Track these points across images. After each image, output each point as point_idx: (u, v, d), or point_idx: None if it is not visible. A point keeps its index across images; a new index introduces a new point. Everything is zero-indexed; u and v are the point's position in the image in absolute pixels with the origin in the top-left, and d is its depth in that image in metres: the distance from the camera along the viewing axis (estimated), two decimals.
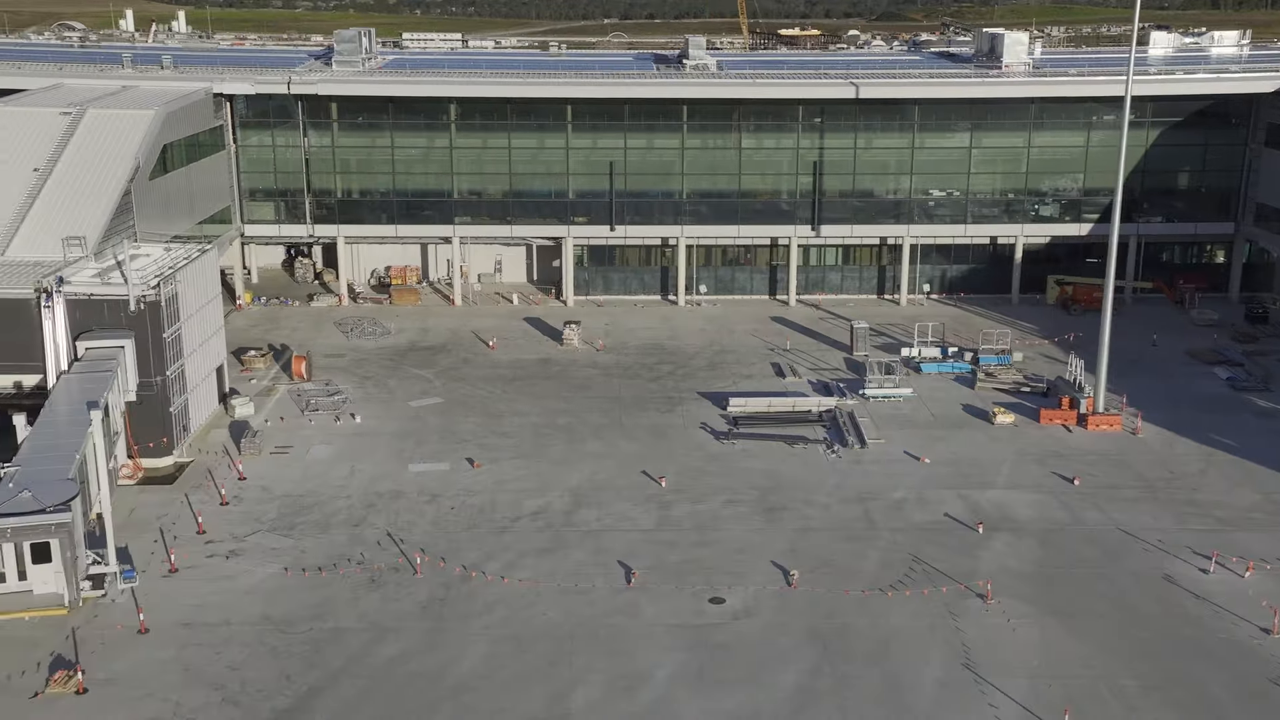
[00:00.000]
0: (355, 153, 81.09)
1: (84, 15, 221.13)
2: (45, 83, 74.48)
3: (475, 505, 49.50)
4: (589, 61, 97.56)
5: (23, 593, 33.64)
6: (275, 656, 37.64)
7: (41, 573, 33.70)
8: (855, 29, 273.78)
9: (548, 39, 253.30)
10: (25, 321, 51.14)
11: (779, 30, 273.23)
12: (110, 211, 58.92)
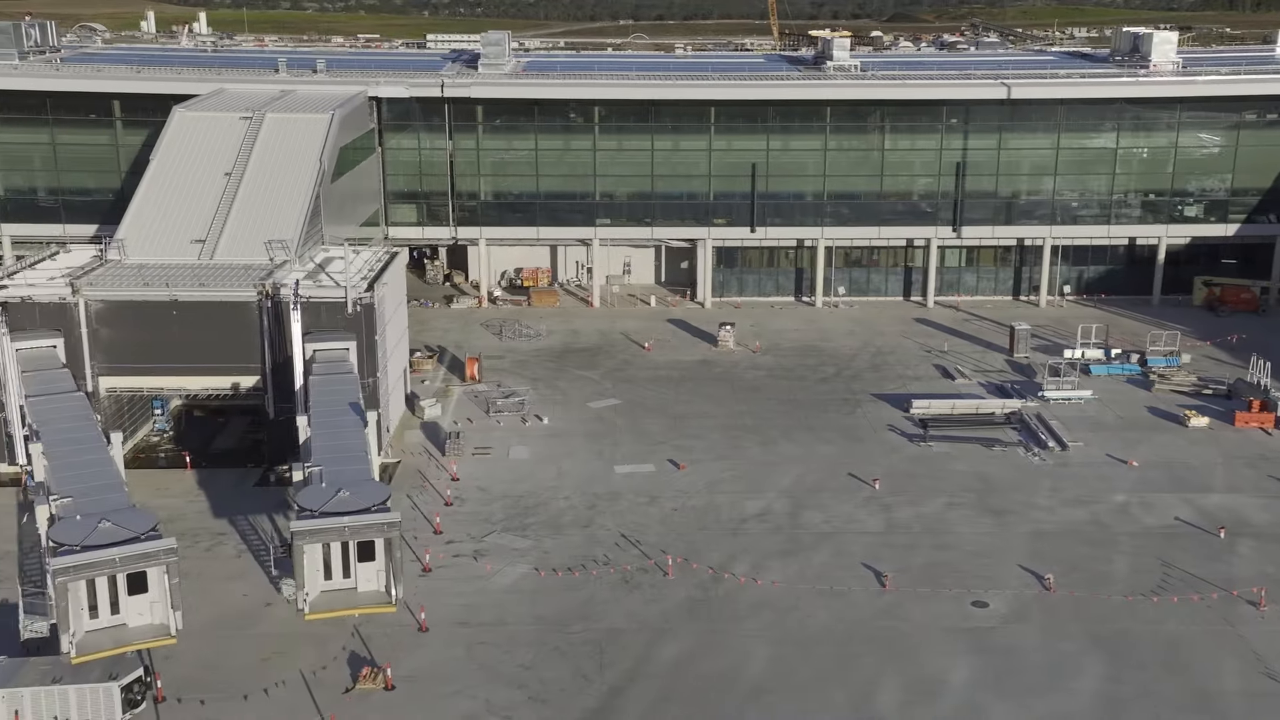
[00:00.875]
0: (499, 155, 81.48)
1: (100, 16, 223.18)
2: (206, 88, 74.89)
3: (696, 507, 49.71)
4: (723, 63, 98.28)
5: (348, 590, 34.33)
6: (563, 656, 37.99)
7: (365, 570, 34.39)
8: (875, 30, 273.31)
9: (566, 39, 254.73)
10: (246, 323, 52.17)
11: (809, 31, 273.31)
12: (306, 215, 59.85)
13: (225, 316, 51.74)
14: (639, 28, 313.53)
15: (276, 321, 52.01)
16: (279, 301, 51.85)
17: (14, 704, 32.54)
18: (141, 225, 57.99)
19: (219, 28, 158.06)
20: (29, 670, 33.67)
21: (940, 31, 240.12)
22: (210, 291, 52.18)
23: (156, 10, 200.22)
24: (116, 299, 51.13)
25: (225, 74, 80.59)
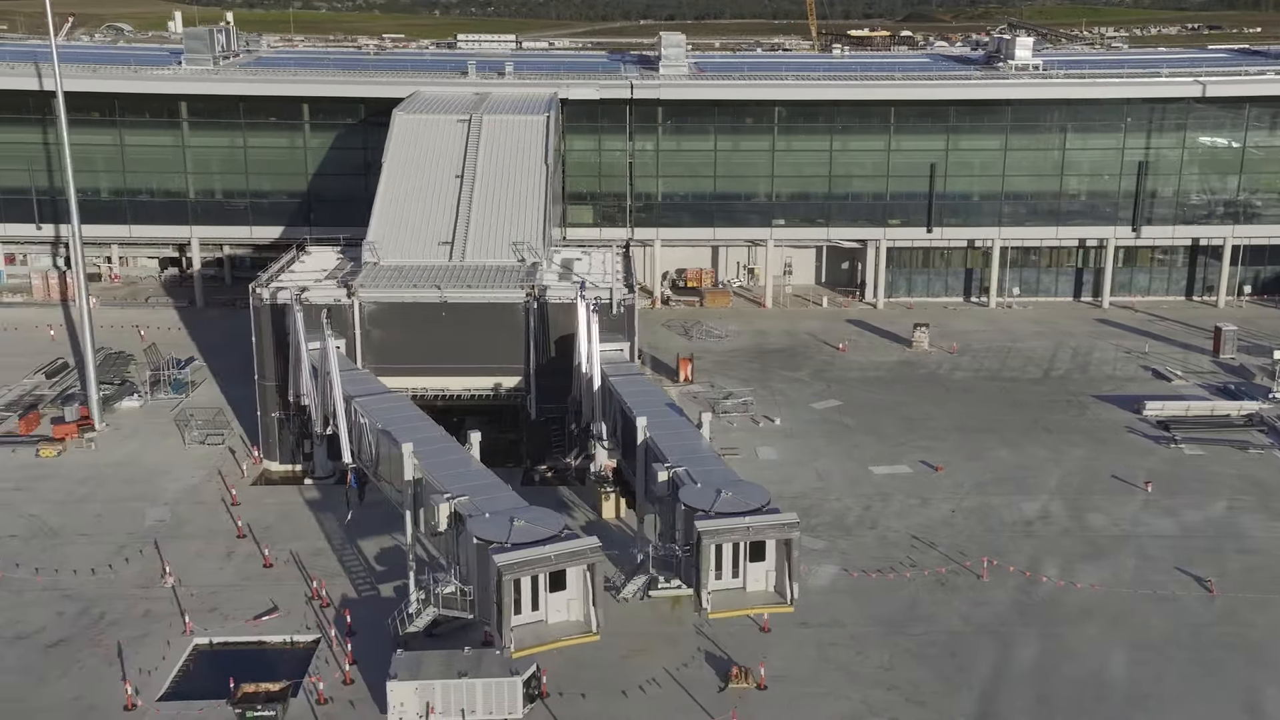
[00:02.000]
0: (677, 156, 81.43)
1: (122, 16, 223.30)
2: (400, 91, 74.87)
3: (971, 509, 49.38)
4: (889, 64, 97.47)
5: (737, 590, 34.74)
6: (917, 658, 38.01)
7: (755, 571, 34.81)
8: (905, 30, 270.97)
9: (593, 40, 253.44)
10: (513, 324, 52.77)
11: (848, 32, 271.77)
12: (544, 216, 60.38)
13: (493, 317, 52.24)
14: (663, 26, 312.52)
15: (541, 323, 53.03)
16: (544, 303, 52.83)
17: (426, 696, 33.19)
18: (388, 228, 58.43)
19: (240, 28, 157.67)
20: (430, 663, 34.22)
21: (960, 31, 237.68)
22: (480, 293, 52.70)
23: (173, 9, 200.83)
24: (389, 300, 51.83)
25: (416, 77, 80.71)
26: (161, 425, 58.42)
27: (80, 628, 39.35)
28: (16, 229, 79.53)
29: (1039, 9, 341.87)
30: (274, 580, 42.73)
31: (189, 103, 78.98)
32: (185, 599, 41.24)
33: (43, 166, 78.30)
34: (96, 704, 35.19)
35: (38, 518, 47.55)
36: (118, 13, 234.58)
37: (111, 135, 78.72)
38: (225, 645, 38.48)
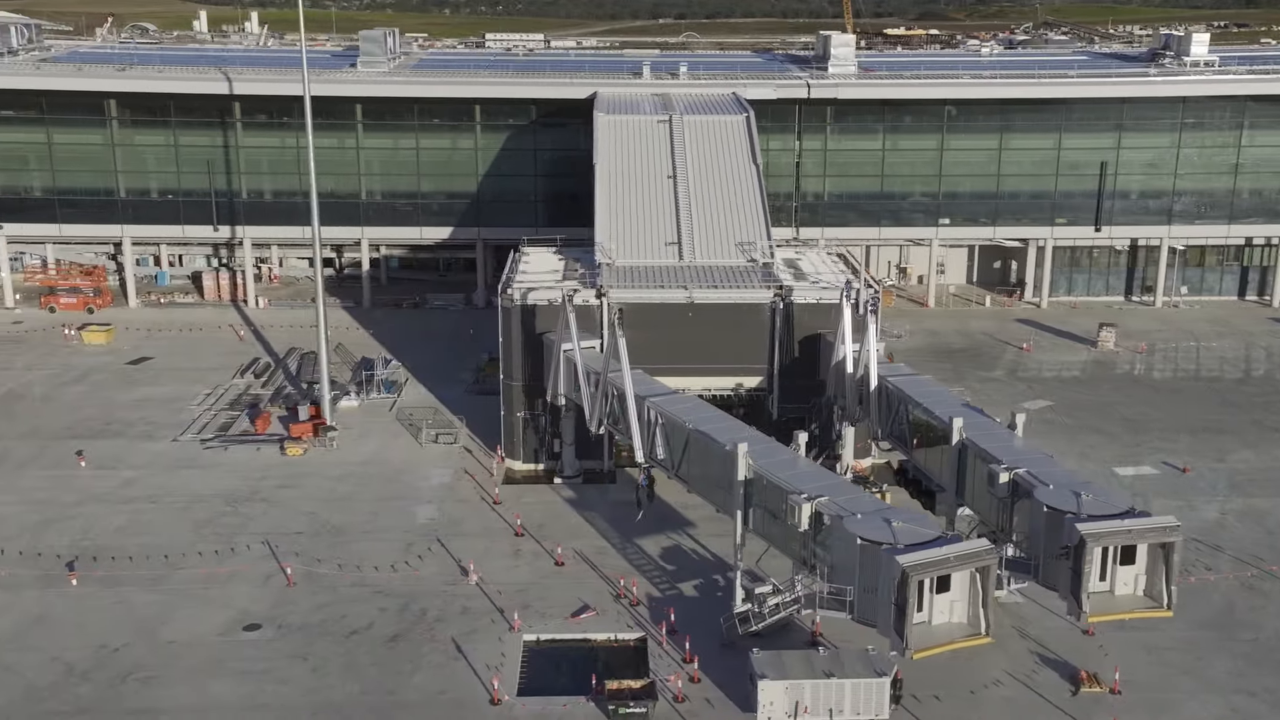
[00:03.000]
0: (843, 155, 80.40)
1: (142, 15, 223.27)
2: (578, 92, 75.40)
3: (1239, 510, 48.53)
4: (1057, 61, 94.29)
5: (1106, 594, 34.66)
6: (1258, 664, 37.34)
7: (1124, 574, 34.62)
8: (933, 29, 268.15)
9: (620, 39, 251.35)
10: (757, 324, 52.84)
11: (885, 30, 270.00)
12: (766, 216, 60.13)
13: (737, 318, 52.39)
14: (680, 26, 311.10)
15: (786, 323, 53.05)
16: (790, 303, 52.75)
17: (795, 695, 33.35)
18: (614, 229, 58.55)
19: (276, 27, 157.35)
20: (792, 663, 34.31)
21: (984, 30, 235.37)
22: (728, 293, 52.94)
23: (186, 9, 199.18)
24: (638, 301, 51.88)
25: (592, 78, 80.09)
26: (385, 424, 58.93)
27: (408, 624, 39.77)
28: (195, 230, 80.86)
29: (1054, 8, 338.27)
30: (572, 579, 43.00)
31: (364, 105, 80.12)
32: (495, 596, 41.43)
33: (221, 169, 79.40)
34: (461, 698, 35.53)
35: (316, 515, 48.25)
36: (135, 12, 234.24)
37: (288, 138, 78.65)
38: (553, 642, 38.81)
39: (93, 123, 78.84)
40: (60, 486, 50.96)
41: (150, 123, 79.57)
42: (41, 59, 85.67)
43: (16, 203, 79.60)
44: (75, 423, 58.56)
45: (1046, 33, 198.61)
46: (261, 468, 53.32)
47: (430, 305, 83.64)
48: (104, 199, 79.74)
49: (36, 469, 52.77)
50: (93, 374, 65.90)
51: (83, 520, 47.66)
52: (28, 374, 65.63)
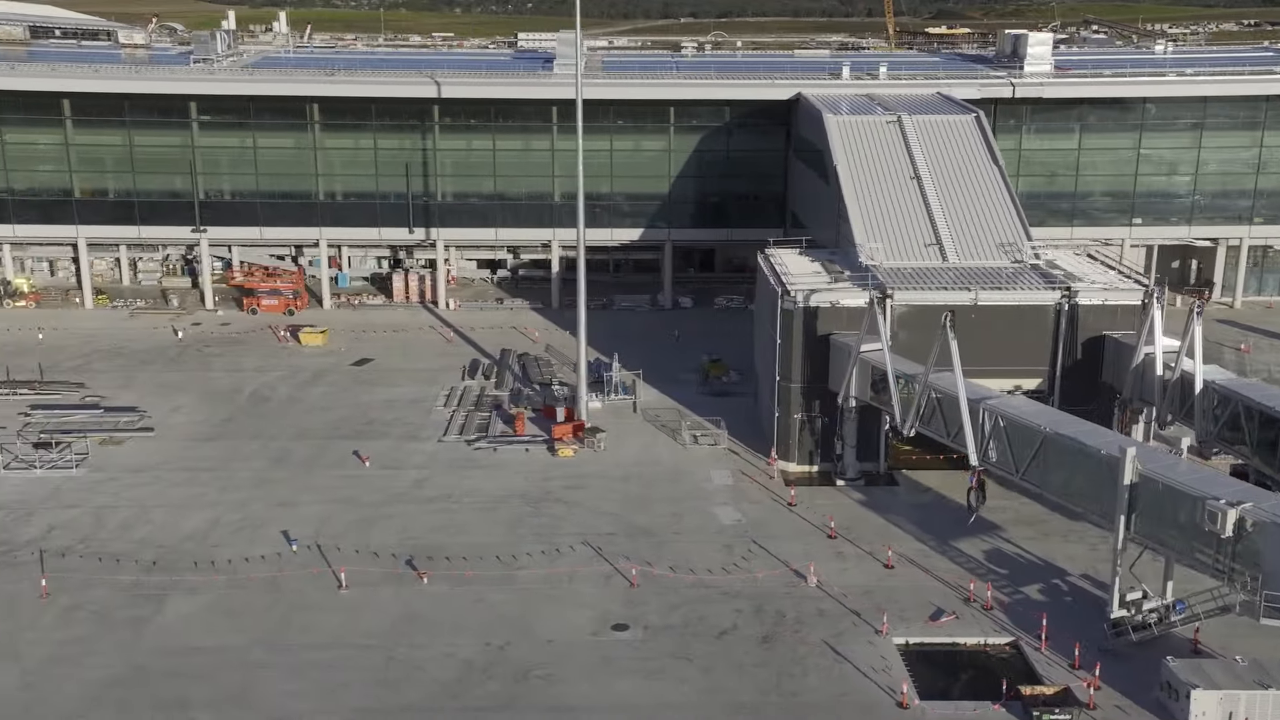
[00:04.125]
0: (1037, 155, 79.15)
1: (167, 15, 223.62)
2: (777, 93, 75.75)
3: None
4: (1246, 59, 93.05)
5: None
6: None
7: None
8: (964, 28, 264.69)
9: (647, 38, 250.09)
10: (1039, 326, 52.14)
11: (926, 30, 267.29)
12: (1022, 216, 59.57)
13: (1022, 319, 51.78)
14: (702, 25, 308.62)
15: (1070, 324, 52.25)
16: (1075, 305, 52.08)
17: (1229, 706, 32.94)
18: (872, 231, 58.12)
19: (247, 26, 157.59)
20: (1216, 672, 33.82)
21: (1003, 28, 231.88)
22: (1012, 295, 52.33)
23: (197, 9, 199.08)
24: (921, 303, 51.55)
25: (793, 79, 79.37)
26: (635, 425, 59.13)
27: (770, 625, 39.80)
28: (390, 233, 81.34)
29: (1069, 6, 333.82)
30: (909, 582, 42.76)
31: (559, 108, 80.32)
32: (841, 599, 41.23)
33: (418, 172, 79.98)
34: (864, 701, 35.54)
35: (619, 516, 48.45)
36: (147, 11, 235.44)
37: (482, 141, 79.44)
38: (923, 646, 38.71)
39: (296, 127, 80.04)
40: (357, 486, 51.47)
41: (351, 126, 80.00)
42: (245, 65, 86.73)
43: (222, 206, 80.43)
44: (335, 423, 59.16)
45: (1085, 32, 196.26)
46: (541, 469, 53.61)
47: (618, 306, 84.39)
48: (303, 202, 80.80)
49: (323, 468, 53.47)
50: (325, 375, 66.67)
51: (399, 520, 48.11)
52: (262, 375, 66.49)
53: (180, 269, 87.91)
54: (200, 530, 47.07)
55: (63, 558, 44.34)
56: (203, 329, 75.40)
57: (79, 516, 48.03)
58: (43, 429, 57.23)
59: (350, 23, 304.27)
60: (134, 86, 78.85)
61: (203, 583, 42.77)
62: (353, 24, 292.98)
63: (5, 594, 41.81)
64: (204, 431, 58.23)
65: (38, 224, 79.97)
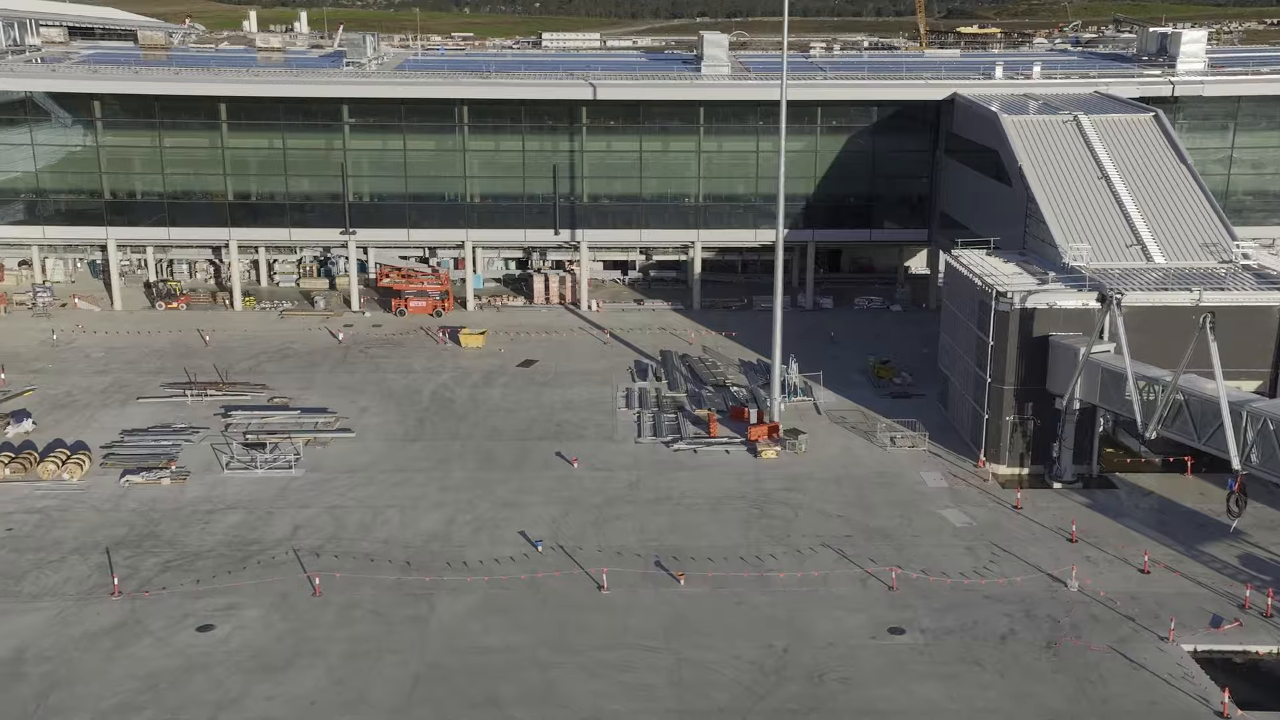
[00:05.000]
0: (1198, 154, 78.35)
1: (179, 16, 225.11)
2: (929, 94, 75.30)
3: None
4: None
5: None
6: None
7: None
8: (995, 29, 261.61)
9: (670, 38, 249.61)
10: (1263, 328, 51.21)
11: (958, 29, 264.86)
12: (1222, 215, 58.75)
13: (1244, 320, 50.61)
14: (729, 25, 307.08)
15: None
16: None
17: None
18: (1070, 232, 57.44)
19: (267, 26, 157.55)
20: None
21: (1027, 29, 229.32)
22: (1240, 295, 51.64)
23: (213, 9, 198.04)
24: (1149, 305, 50.78)
25: (949, 79, 78.72)
26: (823, 427, 58.72)
27: (1048, 630, 39.21)
28: (536, 235, 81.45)
29: (1084, 6, 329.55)
30: (1173, 588, 42.08)
31: (706, 109, 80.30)
32: (1110, 604, 40.48)
33: (565, 174, 80.00)
34: (1180, 710, 34.82)
35: (848, 519, 48.03)
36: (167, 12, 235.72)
37: (630, 142, 79.74)
38: (1216, 653, 38.01)
39: (445, 129, 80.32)
40: (573, 487, 51.46)
41: (498, 129, 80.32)
42: (394, 67, 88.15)
43: (369, 208, 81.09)
44: (525, 424, 59.18)
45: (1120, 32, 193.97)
46: (751, 470, 53.42)
47: (758, 307, 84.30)
48: (451, 204, 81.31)
49: (533, 470, 53.49)
50: (496, 377, 66.79)
51: (629, 520, 48.10)
52: (435, 377, 66.67)
53: (316, 270, 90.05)
54: (438, 531, 47.32)
55: (317, 557, 44.80)
56: (357, 331, 75.65)
57: (317, 516, 48.38)
58: (247, 430, 57.45)
59: (364, 22, 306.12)
60: (291, 90, 79.01)
61: (463, 583, 42.88)
62: (367, 23, 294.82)
63: (279, 592, 42.13)
64: (400, 432, 58.49)
65: (191, 227, 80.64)
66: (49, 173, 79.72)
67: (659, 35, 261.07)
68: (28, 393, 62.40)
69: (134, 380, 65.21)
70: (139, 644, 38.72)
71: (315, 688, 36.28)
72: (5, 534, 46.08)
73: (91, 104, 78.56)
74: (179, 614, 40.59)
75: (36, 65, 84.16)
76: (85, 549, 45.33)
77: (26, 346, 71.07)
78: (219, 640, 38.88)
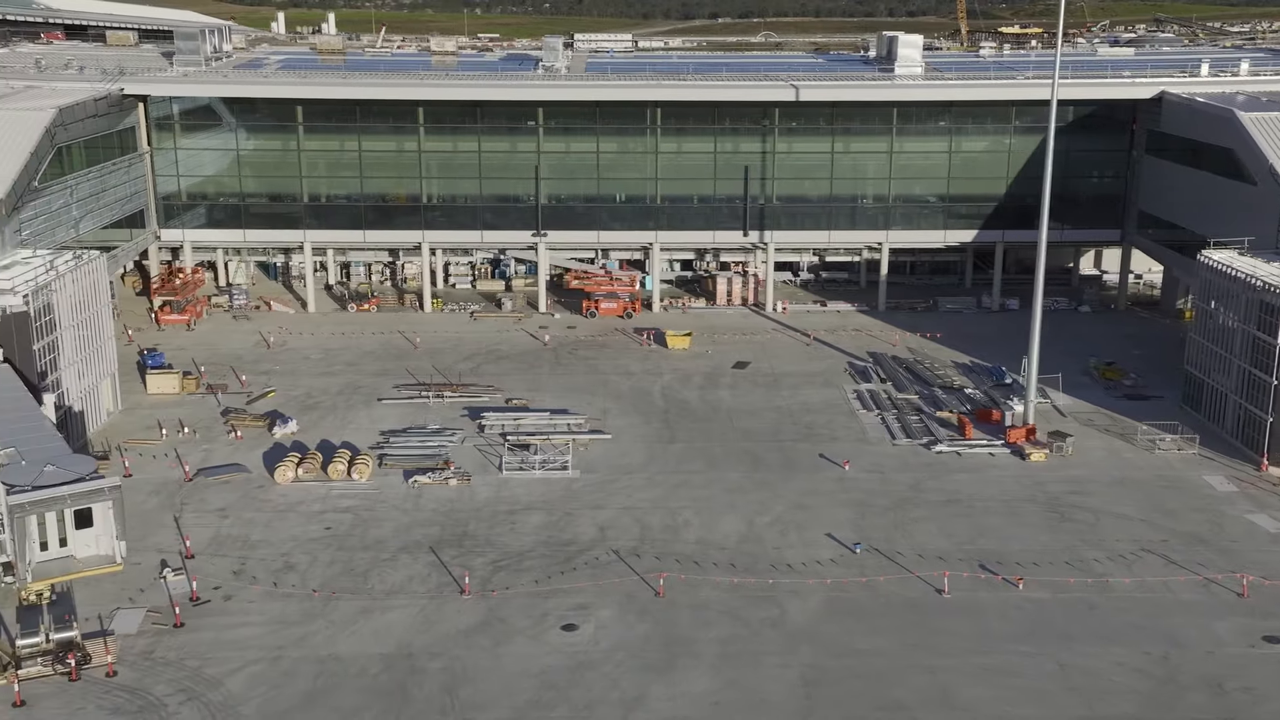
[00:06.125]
0: None
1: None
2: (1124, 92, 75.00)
3: None
4: None
5: None
6: None
7: None
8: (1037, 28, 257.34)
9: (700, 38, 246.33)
10: None
11: (999, 29, 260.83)
12: None
13: None
14: (756, 26, 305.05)
15: None
16: None
17: None
18: None
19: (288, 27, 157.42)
20: None
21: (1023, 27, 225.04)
22: None
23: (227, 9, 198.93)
24: None
25: (1156, 77, 78.10)
26: (1073, 428, 57.31)
27: None
28: (724, 236, 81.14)
29: (1102, 6, 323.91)
30: None
31: (898, 109, 79.63)
32: None
33: (756, 175, 79.37)
34: None
35: (1152, 523, 47.26)
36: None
37: (820, 143, 79.42)
38: None
39: (636, 131, 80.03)
40: (855, 489, 50.95)
41: (691, 130, 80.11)
42: (584, 70, 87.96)
43: (561, 210, 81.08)
44: (773, 427, 58.69)
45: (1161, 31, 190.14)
46: (1026, 473, 52.45)
47: (943, 308, 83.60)
48: (643, 206, 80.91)
49: (804, 472, 53.10)
50: (718, 378, 66.49)
51: (933, 523, 47.39)
52: (657, 378, 66.54)
53: (490, 272, 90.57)
54: (744, 533, 47.10)
55: (639, 558, 44.82)
56: (553, 333, 75.56)
57: (616, 518, 48.27)
58: (506, 432, 57.47)
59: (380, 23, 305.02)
60: (494, 94, 78.94)
61: (802, 585, 42.52)
62: (392, 25, 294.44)
63: (622, 593, 41.85)
64: (651, 433, 58.32)
65: (385, 230, 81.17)
66: (251, 177, 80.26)
67: (688, 36, 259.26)
68: (270, 394, 63.34)
69: (364, 381, 65.68)
70: (514, 642, 38.95)
71: (709, 688, 36.29)
72: (326, 532, 46.67)
73: (295, 109, 79.53)
74: (536, 613, 40.82)
75: (247, 71, 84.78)
76: (410, 548, 45.69)
77: (243, 348, 72.00)
78: (589, 639, 39.04)
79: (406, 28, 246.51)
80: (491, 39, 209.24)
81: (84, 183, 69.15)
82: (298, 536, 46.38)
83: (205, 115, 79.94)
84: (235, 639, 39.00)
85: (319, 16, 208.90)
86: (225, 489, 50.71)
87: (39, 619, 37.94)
